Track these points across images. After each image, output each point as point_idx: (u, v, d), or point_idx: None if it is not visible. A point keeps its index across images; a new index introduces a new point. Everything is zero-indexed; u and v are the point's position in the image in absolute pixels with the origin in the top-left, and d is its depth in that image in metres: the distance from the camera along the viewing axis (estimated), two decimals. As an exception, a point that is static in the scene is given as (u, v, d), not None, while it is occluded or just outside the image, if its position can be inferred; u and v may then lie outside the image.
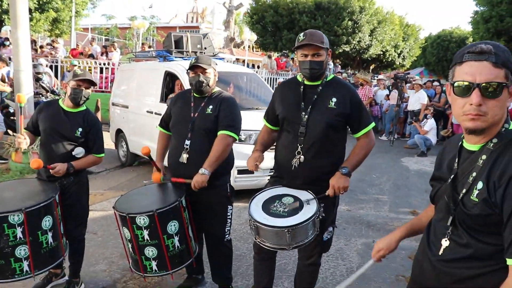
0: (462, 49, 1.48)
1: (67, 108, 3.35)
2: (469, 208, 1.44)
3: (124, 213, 3.00)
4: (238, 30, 33.12)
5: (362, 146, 2.81)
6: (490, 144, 1.46)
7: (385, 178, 8.12)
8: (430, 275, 1.56)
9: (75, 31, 20.05)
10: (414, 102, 12.09)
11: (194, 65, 3.20)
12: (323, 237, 2.84)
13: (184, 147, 3.19)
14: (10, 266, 2.87)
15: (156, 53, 7.83)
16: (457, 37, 32.01)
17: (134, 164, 8.27)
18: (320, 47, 2.66)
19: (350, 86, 2.94)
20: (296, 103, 2.78)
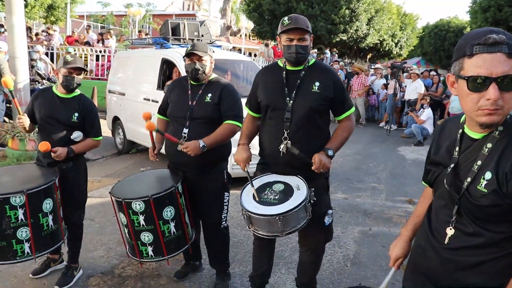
0: (467, 39, 1.39)
1: (61, 94, 3.33)
2: (476, 199, 1.40)
3: (120, 198, 3.02)
4: (235, 18, 32.91)
5: (345, 129, 2.83)
6: (496, 132, 1.42)
7: (382, 167, 8.14)
8: (434, 261, 1.55)
9: (70, 18, 19.86)
10: (411, 91, 12.08)
11: (190, 52, 3.17)
12: (325, 222, 2.82)
13: (182, 135, 3.17)
14: (11, 247, 2.90)
15: (153, 40, 7.77)
16: (455, 27, 31.96)
17: (131, 151, 8.27)
18: (306, 31, 2.65)
19: (332, 70, 2.95)
20: (279, 88, 2.75)
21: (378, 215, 5.42)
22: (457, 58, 1.41)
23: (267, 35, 23.93)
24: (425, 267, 1.60)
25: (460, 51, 1.40)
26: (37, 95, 3.39)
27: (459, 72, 1.40)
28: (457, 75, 1.41)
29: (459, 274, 1.48)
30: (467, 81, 1.36)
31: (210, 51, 3.27)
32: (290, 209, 2.46)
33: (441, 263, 1.52)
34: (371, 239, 4.65)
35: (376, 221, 5.22)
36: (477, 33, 1.38)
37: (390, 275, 1.99)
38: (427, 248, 1.59)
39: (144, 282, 3.49)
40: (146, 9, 27.77)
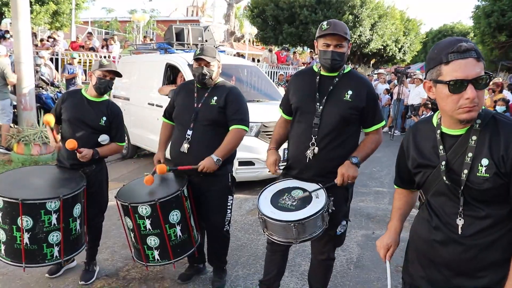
0: (440, 49, 1.57)
1: (90, 98, 3.40)
2: (479, 185, 1.56)
3: (126, 203, 3.04)
4: (238, 24, 33.02)
5: (372, 141, 2.77)
6: (476, 125, 1.60)
7: (385, 171, 8.15)
8: (456, 251, 1.65)
9: (75, 24, 20.01)
10: (414, 96, 12.11)
11: (198, 57, 3.19)
12: (336, 231, 2.80)
13: (186, 137, 3.21)
14: (42, 251, 2.97)
15: (157, 45, 7.84)
16: (459, 32, 32.04)
17: (135, 156, 8.31)
18: (343, 37, 2.60)
19: (367, 80, 2.88)
20: (311, 93, 2.72)
21: (381, 219, 5.42)
22: (434, 66, 1.60)
23: (270, 41, 24.00)
24: (447, 259, 1.69)
25: (436, 59, 1.58)
26: (65, 97, 3.45)
27: (437, 78, 1.58)
28: (435, 80, 1.60)
29: (480, 255, 1.62)
30: (448, 84, 1.54)
31: (218, 56, 3.30)
32: (306, 217, 2.42)
33: (463, 251, 1.64)
34: (374, 243, 4.62)
35: (379, 224, 5.22)
36: (448, 42, 1.57)
37: (388, 268, 2.03)
38: (446, 242, 1.68)
39: (148, 284, 3.52)
40: (150, 15, 27.89)
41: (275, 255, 3.08)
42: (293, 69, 17.74)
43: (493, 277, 1.62)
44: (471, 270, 1.65)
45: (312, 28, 21.60)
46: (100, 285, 3.49)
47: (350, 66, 2.86)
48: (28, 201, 2.86)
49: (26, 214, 2.86)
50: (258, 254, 4.20)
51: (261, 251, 4.26)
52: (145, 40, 16.34)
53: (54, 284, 3.48)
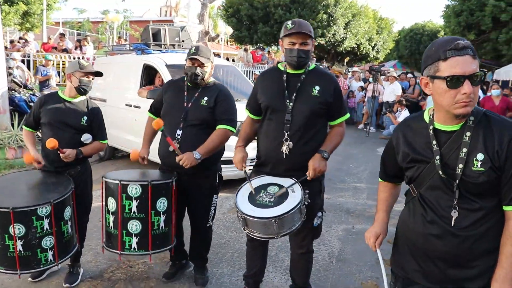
0: (438, 46, 1.64)
1: (68, 99, 3.39)
2: (474, 178, 1.65)
3: (117, 180, 3.02)
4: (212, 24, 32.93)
5: (338, 133, 2.90)
6: (469, 122, 1.68)
7: (362, 167, 8.31)
8: (453, 243, 1.72)
9: (46, 25, 19.62)
10: (389, 93, 12.35)
11: (193, 57, 3.18)
12: (313, 223, 2.89)
13: (175, 136, 3.20)
14: (36, 256, 2.95)
15: (134, 46, 7.79)
16: (429, 31, 32.64)
17: (112, 158, 8.23)
18: (308, 35, 2.70)
19: (332, 75, 3.01)
20: (280, 91, 2.80)
21: (360, 214, 5.55)
22: (432, 62, 1.66)
23: (245, 40, 24.05)
24: (443, 252, 1.75)
25: (434, 56, 1.65)
26: (44, 100, 3.41)
27: (435, 74, 1.64)
28: (432, 76, 1.66)
29: (474, 246, 1.70)
30: (446, 80, 1.60)
31: (212, 56, 3.31)
32: (285, 212, 2.49)
33: (459, 243, 1.71)
34: (355, 237, 4.76)
35: (359, 219, 5.34)
36: (445, 40, 1.65)
37: (379, 256, 2.05)
38: (442, 235, 1.74)
39: (134, 284, 3.52)
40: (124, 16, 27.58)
41: (256, 250, 3.17)
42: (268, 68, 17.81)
43: (483, 267, 1.71)
44: (465, 261, 1.73)
45: (286, 28, 21.75)
46: (85, 287, 3.47)
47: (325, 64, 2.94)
48: (19, 208, 2.83)
49: (18, 222, 2.83)
50: (241, 251, 4.24)
51: (244, 248, 4.23)
52: (120, 41, 16.14)
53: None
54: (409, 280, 1.91)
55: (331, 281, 3.75)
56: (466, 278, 1.74)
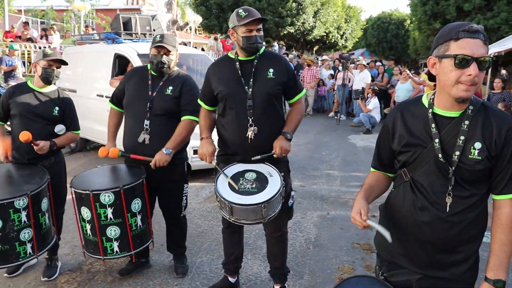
0: (452, 27, 1.65)
1: (38, 89, 3.33)
2: (470, 166, 1.68)
3: (88, 191, 2.92)
4: (181, 13, 32.46)
5: (298, 111, 3.00)
6: (468, 111, 1.71)
7: (334, 154, 8.45)
8: (442, 229, 1.75)
9: (9, 13, 18.91)
10: (358, 81, 12.54)
11: (159, 45, 3.14)
12: (288, 203, 2.97)
13: (144, 127, 3.17)
14: (14, 250, 2.91)
15: (104, 35, 7.64)
16: (396, 19, 33.26)
17: (83, 149, 8.11)
18: (262, 20, 2.78)
19: (283, 56, 3.12)
20: (235, 78, 2.84)
21: (334, 200, 5.67)
22: (443, 42, 1.67)
23: (215, 29, 23.87)
24: (433, 237, 1.78)
25: (446, 36, 1.66)
26: (13, 91, 3.33)
27: (444, 53, 1.65)
28: (441, 56, 1.66)
29: (462, 232, 1.75)
30: (454, 58, 1.61)
31: (177, 45, 3.28)
32: (273, 195, 2.56)
33: (448, 228, 1.74)
34: (330, 223, 4.88)
35: (333, 205, 5.46)
36: (459, 23, 1.66)
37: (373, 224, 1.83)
38: (432, 221, 1.76)
39: (113, 276, 3.51)
40: (91, 4, 26.84)
41: (233, 236, 3.25)
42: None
43: (468, 252, 1.78)
44: (452, 247, 1.77)
45: (256, 16, 21.72)
46: (64, 280, 3.45)
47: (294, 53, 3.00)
48: None
49: None
50: (219, 239, 4.25)
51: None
52: (87, 30, 15.71)
53: (14, 284, 3.40)
54: (395, 264, 1.92)
55: (308, 266, 3.84)
56: (452, 262, 1.78)
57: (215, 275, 3.61)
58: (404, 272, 1.88)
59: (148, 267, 3.70)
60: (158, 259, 3.82)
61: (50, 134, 3.30)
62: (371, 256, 4.04)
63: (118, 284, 3.42)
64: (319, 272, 3.74)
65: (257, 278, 3.60)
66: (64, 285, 3.39)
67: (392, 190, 1.99)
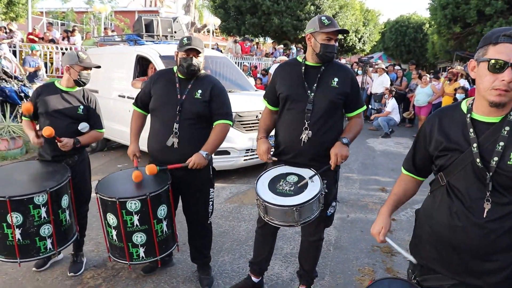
0: (495, 32, 1.63)
1: (65, 88, 3.42)
2: (509, 172, 1.64)
3: (114, 198, 2.91)
4: (198, 15, 32.68)
5: (357, 124, 2.99)
6: (510, 117, 1.67)
7: (353, 158, 8.42)
8: (477, 236, 1.71)
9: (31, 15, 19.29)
10: (377, 85, 12.49)
11: (189, 48, 3.09)
12: (327, 212, 2.96)
13: (173, 130, 3.12)
14: (35, 245, 2.98)
15: (127, 37, 7.77)
16: (414, 23, 32.95)
17: (105, 149, 8.23)
18: (344, 32, 2.89)
19: (349, 68, 3.12)
20: (299, 82, 2.88)
21: (354, 203, 5.67)
22: (483, 45, 1.66)
23: (233, 32, 23.95)
24: (467, 244, 1.74)
25: (487, 40, 1.65)
26: (40, 91, 3.43)
27: (482, 56, 1.64)
28: (479, 59, 1.65)
29: (498, 240, 1.69)
30: (488, 62, 1.60)
31: (203, 47, 3.25)
32: (307, 200, 2.56)
33: (484, 235, 1.70)
34: (350, 225, 4.88)
35: (353, 208, 5.47)
36: (504, 28, 1.63)
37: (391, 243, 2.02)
38: (467, 227, 1.73)
39: (137, 273, 3.58)
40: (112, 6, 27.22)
41: (266, 238, 3.24)
42: (257, 60, 17.84)
43: (503, 262, 1.70)
44: (487, 254, 1.72)
45: (274, 19, 21.76)
46: (90, 275, 3.52)
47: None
48: (16, 197, 2.85)
49: (15, 211, 2.86)
50: (241, 239, 4.33)
51: (243, 236, 4.40)
52: (106, 32, 15.97)
53: (42, 278, 3.49)
54: (428, 268, 1.90)
55: (329, 267, 3.86)
56: (486, 271, 1.74)
57: (237, 274, 3.64)
58: (438, 277, 1.86)
59: (172, 265, 3.75)
60: (181, 257, 3.87)
61: (74, 132, 3.37)
62: (392, 259, 4.03)
63: (142, 281, 3.48)
64: (340, 273, 3.76)
65: (279, 278, 3.63)
66: (90, 280, 3.46)
67: (429, 194, 1.97)
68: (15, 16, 17.92)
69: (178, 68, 3.22)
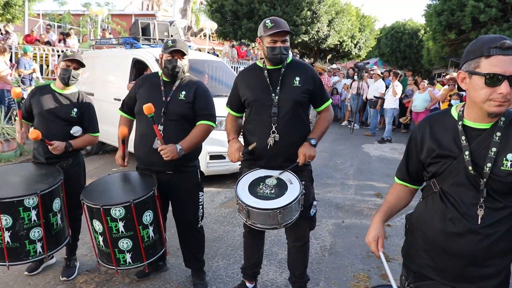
0: (484, 42, 1.62)
1: (59, 90, 3.40)
2: (503, 178, 1.65)
3: (98, 205, 2.87)
4: (195, 19, 32.74)
5: (325, 119, 3.04)
6: (500, 122, 1.69)
7: (349, 163, 8.44)
8: (471, 241, 1.72)
9: (28, 17, 19.22)
10: (373, 91, 12.51)
11: (174, 49, 3.09)
12: (310, 213, 2.98)
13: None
14: (24, 248, 2.95)
15: (123, 40, 7.76)
16: (410, 29, 33.08)
17: (99, 152, 8.19)
18: (287, 32, 2.82)
19: (309, 65, 3.15)
20: (263, 86, 2.90)
21: (349, 208, 5.67)
22: (473, 58, 1.65)
23: (229, 36, 23.99)
24: (462, 250, 1.74)
25: (476, 52, 1.64)
26: (35, 92, 3.41)
27: (475, 69, 1.64)
28: (471, 72, 1.65)
29: (493, 245, 1.71)
30: (485, 77, 1.60)
31: (188, 50, 3.25)
32: (290, 202, 2.58)
33: (479, 241, 1.71)
34: (345, 231, 4.87)
35: (348, 214, 5.46)
36: (492, 38, 1.62)
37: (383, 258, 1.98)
38: (463, 232, 1.73)
39: (131, 277, 3.55)
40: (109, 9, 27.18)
41: (254, 241, 3.25)
42: (254, 64, 17.83)
43: (499, 266, 1.72)
44: (482, 259, 1.72)
45: (271, 24, 21.80)
46: (83, 280, 3.49)
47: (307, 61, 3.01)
48: (5, 199, 2.83)
49: (4, 213, 2.84)
50: (235, 244, 4.31)
51: (238, 241, 4.37)
52: (104, 34, 15.94)
53: (34, 282, 3.45)
54: (422, 275, 1.89)
55: (324, 273, 3.84)
56: (482, 276, 1.74)
57: (231, 279, 3.62)
58: (432, 283, 1.86)
59: (165, 270, 3.72)
60: (175, 262, 3.85)
61: (67, 135, 3.34)
62: (387, 266, 4.02)
63: (135, 286, 3.45)
64: (334, 279, 3.74)
65: (273, 284, 3.61)
66: (83, 285, 3.43)
67: (420, 200, 1.97)
68: (12, 18, 17.83)
69: (163, 70, 3.23)
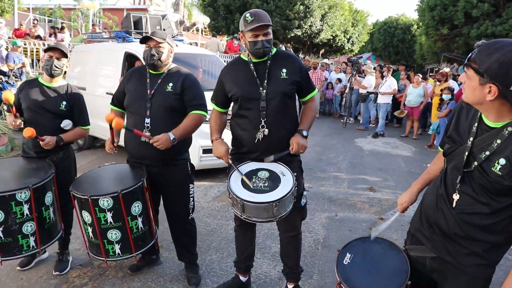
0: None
1: (47, 83, 3.37)
2: (490, 178, 1.72)
3: (86, 195, 2.87)
4: (187, 13, 32.55)
5: (311, 109, 3.03)
6: (505, 131, 1.71)
7: (341, 157, 8.46)
8: (449, 220, 1.88)
9: (18, 11, 19.01)
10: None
11: (146, 37, 3.11)
12: (301, 203, 2.98)
13: (144, 125, 3.09)
14: (17, 243, 2.93)
15: (115, 34, 7.69)
16: (403, 24, 33.19)
17: (92, 147, 8.14)
18: (269, 25, 2.77)
19: (295, 55, 3.11)
20: (250, 80, 2.84)
21: (342, 202, 5.68)
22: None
23: (222, 30, 23.89)
24: (442, 226, 1.90)
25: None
26: (23, 86, 3.38)
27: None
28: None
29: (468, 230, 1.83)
30: None
31: (170, 40, 3.22)
32: (285, 195, 2.57)
33: (454, 222, 1.85)
34: (338, 224, 4.89)
35: (341, 207, 5.48)
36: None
37: (395, 216, 2.38)
38: (444, 209, 1.89)
39: (124, 271, 3.54)
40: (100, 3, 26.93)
41: (246, 234, 3.24)
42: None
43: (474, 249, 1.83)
44: (459, 238, 1.86)
45: (264, 18, 21.74)
46: (76, 274, 3.48)
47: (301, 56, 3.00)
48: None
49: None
50: (228, 238, 4.31)
51: (231, 235, 4.35)
52: (94, 29, 15.80)
53: (26, 277, 3.43)
54: (416, 239, 2.08)
55: (317, 266, 3.85)
56: (458, 252, 1.88)
57: (225, 273, 3.62)
58: (422, 248, 2.04)
59: (159, 264, 3.71)
60: (168, 256, 3.84)
61: (57, 128, 3.32)
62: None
63: (129, 280, 3.44)
64: (328, 272, 3.75)
65: (267, 277, 3.61)
66: (76, 279, 3.41)
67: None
68: (1, 11, 17.65)
69: (144, 62, 3.21)
